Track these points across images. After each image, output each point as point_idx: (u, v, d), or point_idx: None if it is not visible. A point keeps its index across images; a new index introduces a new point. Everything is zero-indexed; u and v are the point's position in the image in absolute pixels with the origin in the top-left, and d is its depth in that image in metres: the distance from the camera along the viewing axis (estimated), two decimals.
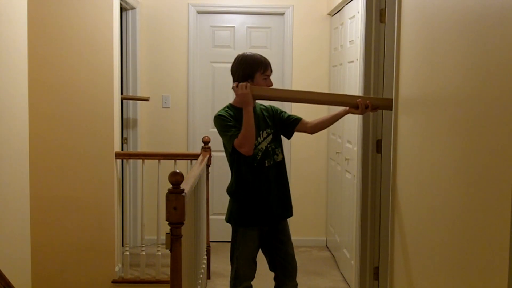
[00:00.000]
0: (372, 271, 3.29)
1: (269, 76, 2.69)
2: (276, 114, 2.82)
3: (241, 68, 2.67)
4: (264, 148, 2.69)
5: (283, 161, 2.79)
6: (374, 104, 2.60)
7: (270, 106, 2.86)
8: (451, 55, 1.72)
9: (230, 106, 2.74)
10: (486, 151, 1.44)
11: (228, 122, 2.64)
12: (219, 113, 2.70)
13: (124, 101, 4.57)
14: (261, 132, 2.70)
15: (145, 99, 4.59)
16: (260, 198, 2.69)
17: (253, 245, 2.73)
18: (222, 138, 2.69)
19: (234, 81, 2.70)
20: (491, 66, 1.42)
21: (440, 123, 1.82)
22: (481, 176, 1.47)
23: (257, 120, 2.68)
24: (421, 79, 2.04)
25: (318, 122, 2.82)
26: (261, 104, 2.83)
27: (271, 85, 2.71)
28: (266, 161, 2.69)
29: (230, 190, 2.77)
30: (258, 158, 2.67)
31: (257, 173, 2.68)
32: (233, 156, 2.67)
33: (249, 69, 2.65)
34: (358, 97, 2.69)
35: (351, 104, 2.64)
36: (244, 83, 2.60)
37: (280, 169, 2.76)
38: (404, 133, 2.26)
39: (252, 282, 2.78)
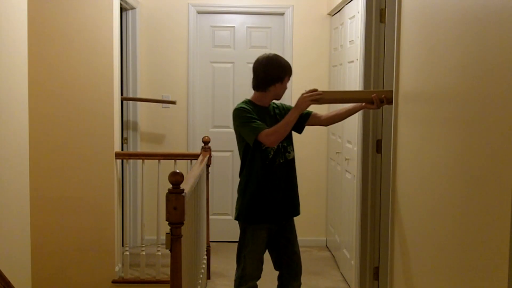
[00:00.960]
0: (372, 271, 3.29)
1: (289, 79, 2.76)
2: (287, 112, 2.81)
3: (273, 69, 2.69)
4: (276, 146, 2.70)
5: (294, 159, 2.80)
6: (389, 98, 2.55)
7: (281, 104, 2.88)
8: (451, 54, 1.72)
9: (248, 101, 2.75)
10: (486, 150, 1.44)
11: (251, 114, 2.65)
12: (240, 105, 2.71)
13: (124, 101, 4.57)
14: None
15: (172, 102, 4.60)
16: (268, 195, 2.70)
17: (261, 244, 2.73)
18: (243, 130, 2.66)
19: (257, 81, 2.72)
20: (491, 66, 1.42)
21: (440, 122, 1.82)
22: (481, 175, 1.47)
23: (270, 118, 2.71)
24: (421, 78, 2.04)
25: (334, 115, 2.85)
26: (273, 103, 2.84)
27: (286, 89, 2.79)
28: (277, 159, 2.71)
29: (240, 187, 2.78)
30: (270, 156, 2.69)
31: (267, 170, 2.69)
32: (248, 151, 2.69)
33: (282, 72, 2.70)
34: (373, 92, 2.67)
35: (366, 100, 2.64)
36: (320, 92, 2.60)
37: (290, 167, 2.77)
38: (404, 133, 2.26)
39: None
